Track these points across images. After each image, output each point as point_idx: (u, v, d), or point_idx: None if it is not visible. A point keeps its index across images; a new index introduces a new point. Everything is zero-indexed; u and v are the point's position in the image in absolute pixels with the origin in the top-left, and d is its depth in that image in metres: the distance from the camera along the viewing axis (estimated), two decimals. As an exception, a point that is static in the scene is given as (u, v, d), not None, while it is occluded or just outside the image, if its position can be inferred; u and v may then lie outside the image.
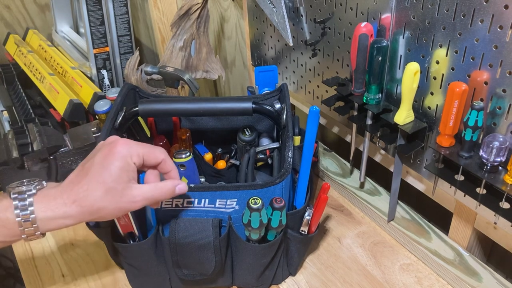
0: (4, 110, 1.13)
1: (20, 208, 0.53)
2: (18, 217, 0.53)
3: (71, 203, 0.54)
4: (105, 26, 1.23)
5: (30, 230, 0.54)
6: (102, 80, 1.27)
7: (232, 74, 1.38)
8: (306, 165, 0.70)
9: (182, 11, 1.04)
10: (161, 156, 0.58)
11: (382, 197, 0.89)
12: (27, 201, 0.53)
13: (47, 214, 0.54)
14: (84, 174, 0.55)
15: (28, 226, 0.53)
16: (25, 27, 1.47)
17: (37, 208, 0.53)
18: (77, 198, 0.54)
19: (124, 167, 0.55)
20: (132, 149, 0.56)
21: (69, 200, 0.54)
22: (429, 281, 0.75)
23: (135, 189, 0.55)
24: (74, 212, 0.54)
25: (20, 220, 0.53)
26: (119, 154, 0.55)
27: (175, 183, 0.59)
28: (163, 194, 0.58)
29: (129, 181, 0.55)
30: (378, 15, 0.72)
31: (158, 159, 0.58)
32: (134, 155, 0.56)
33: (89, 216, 0.55)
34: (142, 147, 0.57)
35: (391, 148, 0.82)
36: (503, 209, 0.62)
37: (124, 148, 0.55)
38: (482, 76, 0.61)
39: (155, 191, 0.57)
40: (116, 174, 0.54)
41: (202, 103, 0.73)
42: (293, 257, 0.74)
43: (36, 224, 0.53)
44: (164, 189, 0.58)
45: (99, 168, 0.54)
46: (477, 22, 0.59)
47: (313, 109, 0.65)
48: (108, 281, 0.78)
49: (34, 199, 0.54)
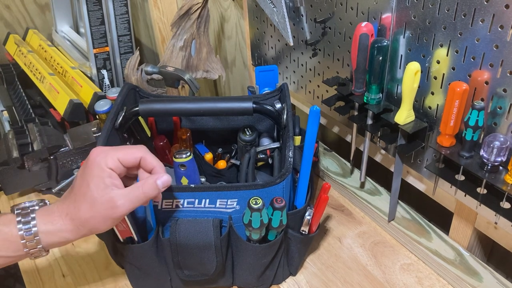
0: (4, 110, 1.13)
1: (22, 222, 0.55)
2: (21, 230, 0.54)
3: (64, 216, 0.56)
4: (105, 26, 1.23)
5: (32, 243, 0.55)
6: (102, 80, 1.27)
7: (233, 74, 1.38)
8: (307, 165, 0.69)
9: (182, 11, 1.04)
10: (138, 154, 0.58)
11: (382, 197, 0.89)
12: (29, 216, 0.55)
13: (47, 227, 0.55)
14: (72, 188, 0.57)
15: (30, 239, 0.55)
16: (25, 27, 1.47)
17: (38, 222, 0.55)
18: (68, 211, 0.56)
19: (99, 175, 0.55)
20: (107, 155, 0.56)
21: (63, 213, 0.56)
22: (430, 281, 0.75)
23: (114, 194, 0.55)
24: (69, 226, 0.55)
25: (23, 234, 0.54)
26: (93, 164, 0.56)
27: (155, 177, 0.57)
28: (146, 191, 0.56)
29: (106, 188, 0.55)
30: (379, 15, 0.72)
31: (137, 158, 0.58)
32: (109, 160, 0.56)
33: (83, 229, 0.56)
34: (116, 150, 0.57)
35: (392, 148, 0.82)
36: (503, 209, 0.62)
37: (98, 156, 0.56)
38: (483, 76, 0.61)
39: (135, 190, 0.56)
40: (93, 183, 0.55)
41: (202, 103, 0.73)
42: (294, 257, 0.74)
43: (38, 237, 0.55)
44: (145, 186, 0.57)
45: (80, 181, 0.56)
46: (478, 22, 0.58)
47: (314, 109, 0.65)
48: (108, 281, 0.78)
49: (36, 214, 0.56)
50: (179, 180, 0.70)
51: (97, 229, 0.57)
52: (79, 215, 0.55)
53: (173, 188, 0.64)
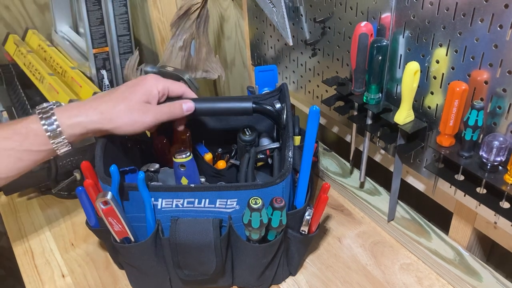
0: (3, 111, 1.13)
1: (44, 118, 0.63)
2: (44, 125, 0.63)
3: (93, 109, 0.64)
4: (104, 26, 1.23)
5: (55, 134, 0.63)
6: (101, 80, 1.27)
7: (232, 74, 1.38)
8: (306, 165, 0.69)
9: (182, 11, 1.04)
10: (183, 87, 0.72)
11: (382, 197, 0.89)
12: (49, 113, 0.63)
13: (71, 119, 0.64)
14: (109, 93, 0.67)
15: (53, 130, 0.63)
16: (24, 27, 1.47)
17: (59, 116, 0.63)
18: (98, 106, 0.65)
19: (147, 91, 0.67)
20: (159, 80, 0.69)
21: (91, 107, 0.65)
22: (429, 281, 0.75)
23: (150, 106, 0.67)
24: (95, 118, 0.64)
25: (46, 127, 0.63)
26: (147, 82, 0.68)
27: (182, 101, 0.70)
28: (172, 110, 0.69)
29: (147, 102, 0.67)
30: (378, 15, 0.72)
31: (181, 90, 0.72)
32: (160, 85, 0.69)
33: (108, 123, 0.64)
34: (167, 81, 0.71)
35: (391, 148, 0.82)
36: (503, 209, 0.62)
37: (153, 79, 0.69)
38: (482, 76, 0.61)
39: (164, 107, 0.69)
40: (140, 93, 0.66)
41: (202, 103, 0.73)
42: (293, 257, 0.74)
43: (60, 128, 0.63)
44: (172, 106, 0.69)
45: (125, 89, 0.67)
46: (477, 21, 0.58)
47: (313, 109, 0.65)
48: (108, 281, 0.77)
49: (55, 110, 0.64)
50: (179, 180, 0.70)
51: (119, 128, 0.65)
52: (113, 111, 0.64)
53: (172, 188, 0.64)
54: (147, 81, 0.68)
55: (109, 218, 0.64)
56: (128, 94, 0.66)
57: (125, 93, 0.67)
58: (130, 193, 0.64)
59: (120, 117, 0.65)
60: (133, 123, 0.66)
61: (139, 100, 0.66)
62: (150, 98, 0.67)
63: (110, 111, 0.64)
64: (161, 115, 0.68)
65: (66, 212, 0.93)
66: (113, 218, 0.64)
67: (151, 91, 0.68)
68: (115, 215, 0.63)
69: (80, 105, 0.66)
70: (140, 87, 0.67)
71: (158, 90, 0.68)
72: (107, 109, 0.65)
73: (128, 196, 0.65)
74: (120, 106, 0.65)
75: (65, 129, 0.63)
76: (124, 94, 0.66)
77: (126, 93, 0.66)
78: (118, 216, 0.63)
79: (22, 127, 0.63)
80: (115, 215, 0.63)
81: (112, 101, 0.66)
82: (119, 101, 0.65)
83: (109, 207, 0.62)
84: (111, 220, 0.64)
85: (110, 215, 0.63)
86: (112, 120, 0.64)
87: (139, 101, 0.66)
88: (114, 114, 0.64)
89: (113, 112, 0.64)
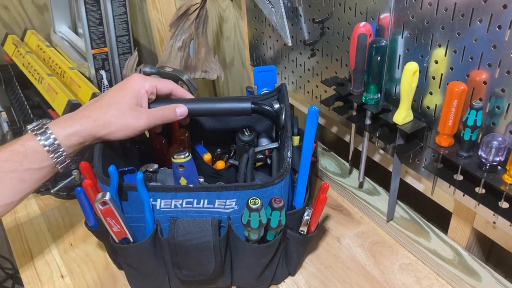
0: (2, 111, 1.13)
1: (39, 134, 0.63)
2: (41, 140, 0.62)
3: (85, 118, 0.65)
4: (103, 27, 1.23)
5: (54, 147, 0.63)
6: (100, 81, 1.27)
7: (231, 74, 1.38)
8: (305, 165, 0.69)
9: (181, 11, 1.04)
10: (171, 85, 0.72)
11: (381, 197, 0.89)
12: (43, 128, 0.63)
13: (66, 130, 0.64)
14: (98, 99, 0.67)
15: (51, 144, 0.63)
16: (23, 27, 1.47)
17: (54, 130, 0.63)
18: (90, 114, 0.65)
19: (135, 92, 0.67)
20: (146, 80, 0.69)
21: (84, 116, 0.65)
22: (429, 281, 0.75)
23: (142, 109, 0.67)
24: (89, 126, 0.64)
25: (43, 142, 0.62)
26: (134, 83, 0.67)
27: (175, 106, 0.70)
28: (166, 114, 0.69)
29: (137, 104, 0.67)
30: (377, 15, 0.72)
31: (169, 88, 0.72)
32: (147, 84, 0.68)
33: (102, 129, 0.64)
34: (154, 79, 0.70)
35: (390, 148, 0.82)
36: (502, 209, 0.62)
37: (139, 79, 0.68)
38: (481, 76, 0.61)
39: (158, 111, 0.68)
40: (129, 96, 0.66)
41: (201, 104, 0.73)
42: (292, 257, 0.74)
43: (57, 141, 0.63)
44: (166, 109, 0.69)
45: (114, 93, 0.67)
46: (476, 22, 0.59)
47: (312, 109, 0.65)
48: (107, 281, 0.77)
49: (49, 124, 0.64)
50: (177, 180, 0.70)
51: (113, 134, 0.65)
52: (105, 118, 0.64)
53: (171, 188, 0.64)
54: (133, 82, 0.68)
55: (107, 219, 0.64)
56: (117, 98, 0.66)
57: (115, 97, 0.66)
58: (129, 193, 0.64)
59: (112, 122, 0.65)
60: (126, 128, 0.66)
61: (129, 102, 0.66)
62: (139, 99, 0.67)
63: (102, 118, 0.64)
64: (154, 119, 0.68)
65: (65, 213, 0.93)
66: (111, 218, 0.64)
67: (138, 92, 0.67)
68: (114, 216, 0.63)
69: (72, 116, 0.66)
70: (128, 88, 0.67)
71: (146, 89, 0.68)
72: (99, 116, 0.65)
73: (127, 197, 0.65)
74: (111, 111, 0.65)
75: (62, 141, 0.63)
76: (114, 99, 0.66)
77: (115, 98, 0.66)
78: (117, 217, 0.63)
79: (19, 146, 0.63)
80: (113, 215, 0.63)
81: (103, 107, 0.65)
82: (110, 106, 0.65)
83: (108, 207, 0.62)
84: (109, 220, 0.64)
85: (109, 215, 0.63)
86: (105, 126, 0.65)
87: (129, 103, 0.66)
88: (107, 120, 0.64)
89: (105, 118, 0.64)
